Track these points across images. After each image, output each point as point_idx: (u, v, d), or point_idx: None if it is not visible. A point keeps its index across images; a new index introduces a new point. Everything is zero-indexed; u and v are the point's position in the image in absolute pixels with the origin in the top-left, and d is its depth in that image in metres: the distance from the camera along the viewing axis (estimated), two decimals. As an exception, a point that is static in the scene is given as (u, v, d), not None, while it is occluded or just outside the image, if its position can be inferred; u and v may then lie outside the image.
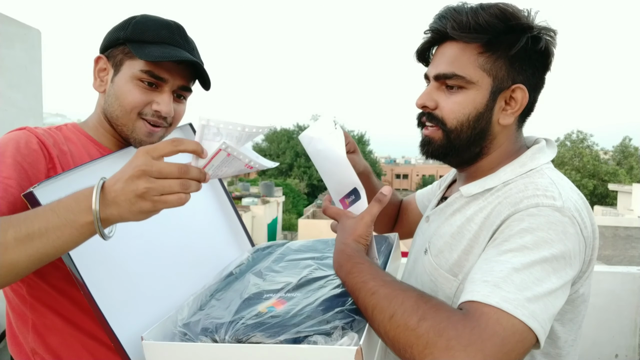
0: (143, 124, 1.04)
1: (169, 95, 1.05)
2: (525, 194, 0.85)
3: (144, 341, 0.86)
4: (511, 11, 0.89)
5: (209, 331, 0.86)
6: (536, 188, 0.85)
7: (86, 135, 1.09)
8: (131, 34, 1.02)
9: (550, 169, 0.94)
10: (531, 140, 1.02)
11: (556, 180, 0.88)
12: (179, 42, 1.05)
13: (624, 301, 2.82)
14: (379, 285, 0.78)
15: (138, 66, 1.01)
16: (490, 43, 0.89)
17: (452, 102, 0.92)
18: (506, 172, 0.94)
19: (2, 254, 0.74)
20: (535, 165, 0.93)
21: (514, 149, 0.98)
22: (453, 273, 0.91)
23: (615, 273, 2.88)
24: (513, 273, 0.74)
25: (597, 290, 2.86)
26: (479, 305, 0.72)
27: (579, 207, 0.85)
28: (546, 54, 0.92)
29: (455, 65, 0.91)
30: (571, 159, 29.15)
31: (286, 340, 0.80)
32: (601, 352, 2.81)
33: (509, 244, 0.79)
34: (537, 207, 0.81)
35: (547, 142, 1.00)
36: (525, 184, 0.88)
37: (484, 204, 0.92)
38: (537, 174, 0.91)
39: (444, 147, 0.95)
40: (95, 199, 0.73)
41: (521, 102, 0.92)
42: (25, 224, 0.75)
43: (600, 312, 2.80)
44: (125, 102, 1.02)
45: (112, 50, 1.05)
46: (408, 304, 0.73)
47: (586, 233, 0.84)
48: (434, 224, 1.04)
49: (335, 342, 0.78)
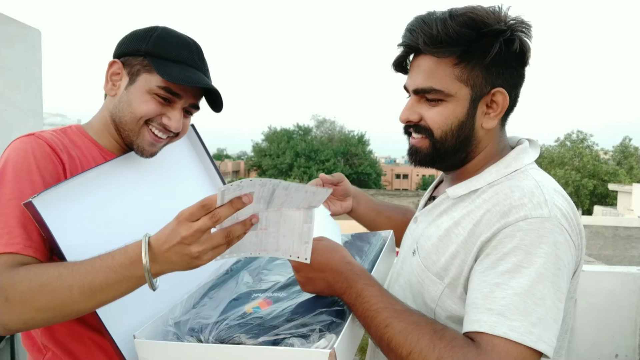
0: (148, 133, 1.08)
1: (180, 111, 1.09)
2: (512, 201, 0.85)
3: (135, 339, 0.90)
4: (481, 18, 0.87)
5: (195, 331, 0.90)
6: (522, 194, 0.85)
7: (90, 139, 1.11)
8: (153, 48, 1.05)
9: (534, 169, 0.95)
10: (515, 140, 1.02)
11: (541, 182, 0.89)
12: (197, 63, 1.09)
13: (624, 301, 2.82)
14: (392, 316, 0.82)
15: (155, 81, 1.04)
16: (464, 54, 0.89)
17: (434, 113, 0.93)
18: (491, 172, 0.94)
19: (69, 306, 0.85)
20: (519, 166, 0.94)
21: (497, 148, 0.99)
22: (439, 276, 0.92)
23: (615, 273, 2.88)
24: (515, 299, 0.77)
25: (597, 290, 2.86)
26: (489, 338, 0.76)
27: (564, 211, 0.85)
28: (522, 52, 0.91)
29: (432, 80, 0.91)
30: (571, 159, 29.15)
31: (265, 342, 0.83)
32: (601, 352, 2.81)
33: (504, 263, 0.81)
34: (525, 220, 0.82)
35: (530, 143, 1.00)
36: (511, 188, 0.88)
37: (471, 208, 0.92)
38: (521, 175, 0.91)
39: (431, 155, 0.97)
40: (145, 258, 0.82)
41: (502, 105, 0.93)
42: (87, 279, 0.84)
43: (600, 312, 2.80)
44: (138, 110, 1.06)
45: (130, 59, 1.07)
46: (423, 341, 0.77)
47: (574, 237, 0.86)
48: (421, 225, 1.04)
49: (312, 344, 0.81)
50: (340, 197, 1.34)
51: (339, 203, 1.34)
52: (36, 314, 0.85)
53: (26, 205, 0.88)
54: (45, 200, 0.90)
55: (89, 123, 1.15)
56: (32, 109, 2.96)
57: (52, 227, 0.90)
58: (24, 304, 0.84)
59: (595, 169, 28.36)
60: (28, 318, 0.85)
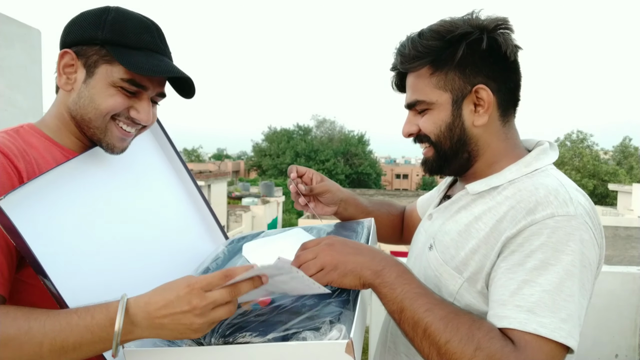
0: (116, 128, 1.00)
1: (148, 102, 1.01)
2: (538, 198, 0.86)
3: (125, 349, 0.81)
4: (444, 27, 0.95)
5: None
6: (548, 191, 0.87)
7: (47, 138, 1.01)
8: (111, 35, 0.95)
9: (554, 169, 0.97)
10: (533, 142, 1.04)
11: (563, 181, 0.91)
12: (160, 47, 1.00)
13: (624, 301, 2.82)
14: (432, 303, 0.83)
15: (118, 73, 0.95)
16: (435, 63, 0.96)
17: (425, 122, 1.00)
18: (512, 171, 0.96)
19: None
20: (540, 166, 0.96)
21: (507, 146, 1.00)
22: (458, 270, 0.93)
23: (615, 273, 2.88)
24: (544, 295, 0.79)
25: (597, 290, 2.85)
26: (521, 335, 0.78)
27: (587, 209, 0.87)
28: (496, 48, 0.94)
29: (416, 93, 1.00)
30: (571, 159, 29.15)
31: (275, 339, 0.77)
32: (601, 352, 2.81)
33: (532, 260, 0.82)
34: (552, 217, 0.83)
35: (550, 145, 1.02)
36: (534, 185, 0.90)
37: (492, 204, 0.94)
38: (542, 174, 0.93)
39: (437, 161, 1.02)
40: (119, 323, 0.77)
41: (487, 100, 0.95)
42: (60, 337, 0.78)
43: (600, 312, 2.80)
44: (103, 106, 0.97)
45: (85, 49, 0.96)
46: (463, 330, 0.79)
47: (598, 235, 0.87)
48: (438, 221, 1.06)
49: (325, 336, 0.77)
50: (327, 203, 1.32)
51: (322, 206, 1.31)
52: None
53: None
54: (13, 202, 0.81)
55: (43, 121, 1.04)
56: (32, 109, 2.96)
57: (23, 231, 0.81)
58: None
59: (595, 169, 28.37)
60: None
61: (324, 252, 0.89)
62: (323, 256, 0.88)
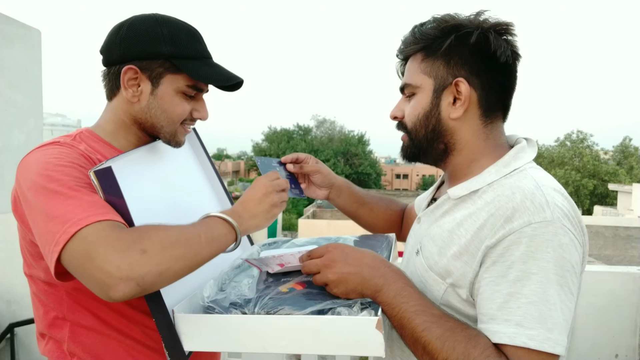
0: (183, 128, 1.13)
1: (204, 102, 1.14)
2: (514, 204, 0.86)
3: (175, 314, 0.90)
4: (443, 18, 0.98)
5: (238, 305, 0.91)
6: (524, 196, 0.86)
7: (104, 141, 1.10)
8: (173, 50, 1.04)
9: (533, 168, 0.96)
10: (513, 139, 1.05)
11: (540, 182, 0.90)
12: (208, 53, 1.11)
13: (624, 301, 2.82)
14: (430, 321, 0.85)
15: (183, 81, 1.06)
16: (427, 49, 0.99)
17: (408, 107, 1.03)
18: (491, 173, 0.96)
19: (199, 255, 0.90)
20: (518, 165, 0.96)
21: (487, 145, 1.00)
22: (441, 276, 0.94)
23: (615, 273, 2.88)
24: (530, 307, 0.81)
25: (597, 290, 2.86)
26: (513, 350, 0.81)
27: (565, 210, 0.86)
28: (485, 46, 0.95)
29: (407, 77, 1.04)
30: (571, 159, 29.17)
31: (312, 312, 0.86)
32: (601, 352, 2.81)
33: (513, 271, 0.83)
34: (529, 225, 0.83)
35: (528, 141, 1.02)
36: (511, 188, 0.89)
37: (473, 209, 0.94)
38: (520, 175, 0.93)
39: (411, 148, 1.05)
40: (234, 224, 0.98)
41: (465, 95, 0.96)
42: (208, 229, 0.94)
43: (600, 312, 2.81)
44: (174, 114, 1.08)
45: (149, 63, 1.04)
46: (459, 349, 0.81)
47: (578, 235, 0.87)
48: (424, 225, 1.07)
49: (357, 314, 0.85)
50: (318, 186, 1.37)
51: (314, 189, 1.38)
52: (174, 262, 0.85)
53: (100, 171, 0.89)
54: (119, 165, 0.94)
55: (99, 126, 1.13)
56: (32, 109, 2.96)
57: (125, 193, 0.91)
58: (163, 253, 0.84)
59: (595, 169, 28.38)
60: (165, 268, 0.84)
61: (326, 269, 0.92)
62: (325, 273, 0.92)
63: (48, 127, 26.55)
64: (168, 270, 0.84)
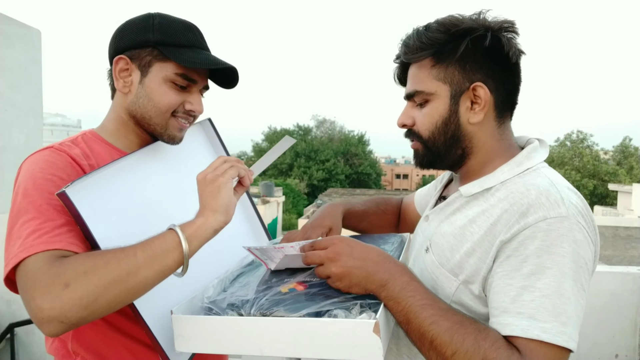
0: (176, 121, 1.09)
1: (198, 95, 1.11)
2: (529, 200, 0.86)
3: (173, 315, 0.90)
4: (451, 21, 0.95)
5: (235, 306, 0.91)
6: (539, 192, 0.86)
7: (106, 143, 1.10)
8: (161, 37, 1.04)
9: (546, 167, 0.97)
10: (523, 140, 1.04)
11: (554, 180, 0.90)
12: (203, 44, 1.10)
13: (624, 301, 2.83)
14: (437, 314, 0.83)
15: (171, 69, 1.04)
16: (438, 55, 0.96)
17: (422, 115, 1.00)
18: (504, 171, 0.96)
19: (135, 275, 0.83)
20: (531, 164, 0.96)
21: (501, 146, 1.00)
22: (454, 273, 0.94)
23: (615, 273, 2.88)
24: (544, 300, 0.80)
25: (597, 290, 2.86)
26: (525, 342, 0.79)
27: (580, 208, 0.87)
28: (498, 48, 0.94)
29: (416, 83, 1.00)
30: (571, 159, 29.15)
31: (308, 314, 0.84)
32: (601, 352, 2.82)
33: (528, 265, 0.83)
34: (545, 220, 0.83)
35: (540, 142, 1.02)
36: (526, 186, 0.89)
37: (486, 206, 0.94)
38: (534, 173, 0.93)
39: (428, 156, 1.02)
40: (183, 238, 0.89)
41: (484, 99, 0.95)
42: (150, 245, 0.85)
43: (600, 312, 2.81)
44: (161, 103, 1.05)
45: (137, 52, 1.05)
46: (469, 341, 0.79)
47: (591, 233, 0.87)
48: (433, 223, 1.06)
49: (355, 317, 0.83)
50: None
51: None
52: (103, 291, 0.79)
53: (59, 195, 0.86)
54: (78, 189, 0.89)
55: (103, 126, 1.13)
56: (32, 109, 2.96)
57: (86, 216, 0.89)
58: (88, 283, 0.78)
59: (595, 169, 28.35)
60: (92, 300, 0.78)
61: (330, 262, 0.91)
62: (329, 265, 0.90)
63: (48, 127, 26.54)
64: (96, 301, 0.79)
